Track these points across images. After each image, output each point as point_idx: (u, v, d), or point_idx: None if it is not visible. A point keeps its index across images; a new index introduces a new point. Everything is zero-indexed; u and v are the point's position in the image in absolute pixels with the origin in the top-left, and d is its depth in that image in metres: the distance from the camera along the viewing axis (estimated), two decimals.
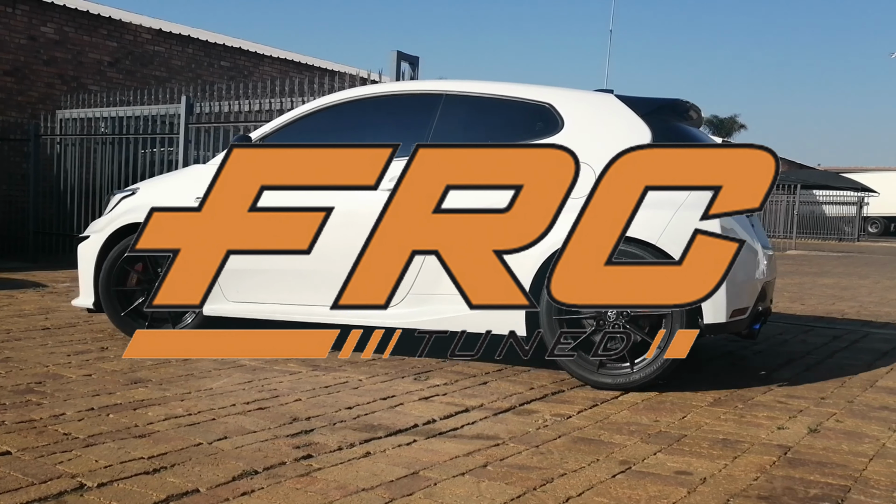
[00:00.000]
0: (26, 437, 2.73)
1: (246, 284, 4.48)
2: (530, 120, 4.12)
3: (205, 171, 4.64)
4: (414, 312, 4.14)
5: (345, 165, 4.21)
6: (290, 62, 17.49)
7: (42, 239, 10.95)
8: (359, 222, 4.10)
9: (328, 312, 4.18)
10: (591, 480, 2.44)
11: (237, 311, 4.53)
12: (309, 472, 2.46)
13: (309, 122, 4.55)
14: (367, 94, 4.51)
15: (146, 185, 5.06)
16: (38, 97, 12.71)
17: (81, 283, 4.94)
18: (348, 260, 4.10)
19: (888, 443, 2.94)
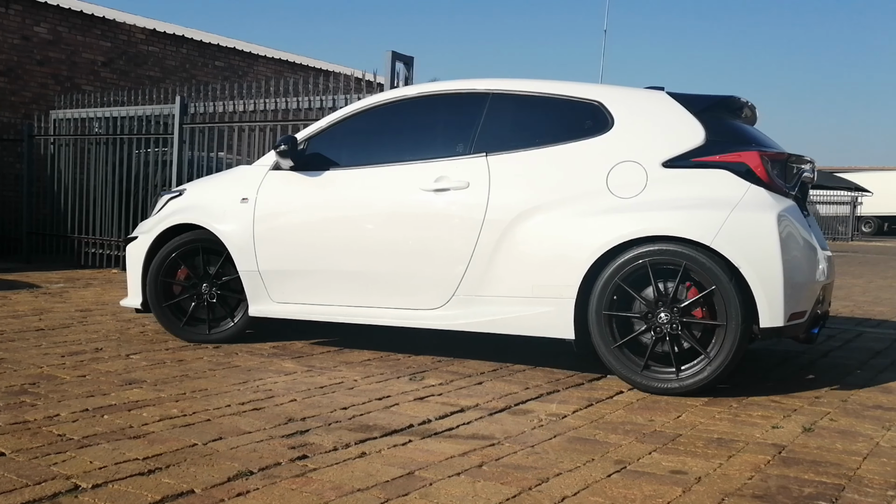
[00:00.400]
0: (20, 438, 2.72)
1: (291, 286, 4.45)
2: (579, 118, 4.06)
3: (251, 172, 4.68)
4: (460, 314, 4.07)
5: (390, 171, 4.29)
6: (284, 62, 17.48)
7: (36, 240, 10.92)
8: (404, 223, 4.17)
9: (373, 313, 4.27)
10: (586, 480, 2.45)
11: (282, 311, 4.50)
12: (304, 472, 2.46)
13: (354, 122, 4.52)
14: (412, 93, 4.46)
15: (193, 186, 5.06)
16: (31, 97, 12.68)
17: (129, 284, 4.93)
18: (394, 260, 4.18)
19: (882, 441, 2.95)
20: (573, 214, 3.84)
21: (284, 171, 4.50)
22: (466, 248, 4.03)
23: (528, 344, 4.75)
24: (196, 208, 4.73)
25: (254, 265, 4.51)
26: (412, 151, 4.32)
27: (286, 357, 4.33)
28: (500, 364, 4.26)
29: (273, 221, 4.48)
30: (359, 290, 4.29)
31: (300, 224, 4.42)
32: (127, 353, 4.33)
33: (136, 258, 4.88)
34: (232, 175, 4.89)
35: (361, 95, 8.26)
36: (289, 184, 4.49)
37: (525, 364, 4.28)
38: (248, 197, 4.55)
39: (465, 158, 4.14)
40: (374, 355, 4.44)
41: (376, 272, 4.23)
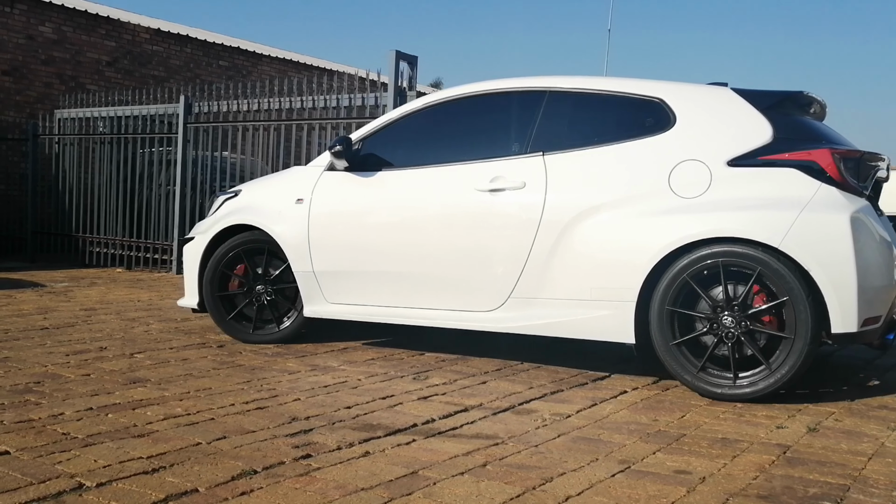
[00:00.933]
0: (25, 436, 2.73)
1: (346, 286, 4.43)
2: (639, 116, 3.94)
3: (306, 173, 4.67)
4: (515, 317, 4.00)
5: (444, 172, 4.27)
6: (288, 62, 17.49)
7: (40, 239, 10.95)
8: (459, 224, 4.14)
9: (428, 315, 4.23)
10: (590, 480, 2.44)
11: (336, 312, 4.48)
12: (308, 471, 2.46)
13: (408, 122, 4.48)
14: (466, 92, 4.39)
15: (248, 186, 5.06)
16: (36, 97, 12.71)
17: (186, 284, 4.94)
18: (449, 262, 4.15)
19: (887, 442, 2.95)
20: (634, 215, 3.75)
21: (339, 171, 4.48)
22: (522, 250, 3.95)
23: (531, 343, 4.74)
24: (251, 209, 4.74)
25: (308, 266, 4.49)
26: (467, 151, 4.29)
27: (290, 356, 4.33)
28: (503, 363, 4.26)
29: (327, 222, 4.46)
30: (413, 292, 4.26)
31: (354, 225, 4.41)
32: (131, 352, 4.34)
33: (192, 259, 4.89)
34: (287, 176, 4.88)
35: (365, 95, 8.26)
36: (343, 184, 4.47)
37: (529, 363, 4.27)
38: (303, 198, 4.54)
39: (521, 158, 4.07)
40: (378, 354, 4.44)
41: (431, 273, 4.20)
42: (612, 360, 4.36)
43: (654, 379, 3.96)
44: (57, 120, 10.84)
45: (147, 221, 9.74)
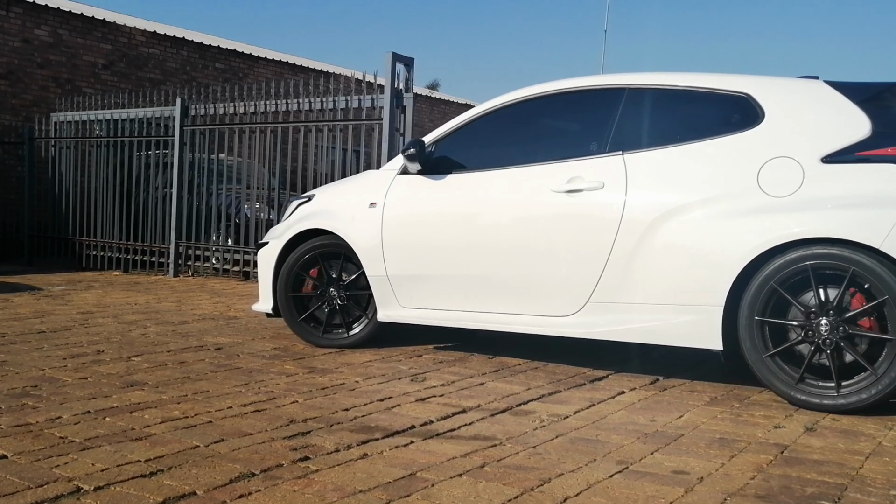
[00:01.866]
0: (22, 440, 2.72)
1: (420, 290, 4.39)
2: (725, 112, 3.78)
3: (379, 177, 4.64)
4: (594, 322, 3.87)
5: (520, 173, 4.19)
6: (284, 64, 17.50)
7: (37, 242, 10.94)
8: (535, 226, 4.04)
9: (503, 320, 4.16)
10: (588, 480, 2.45)
11: (410, 317, 4.44)
12: (306, 473, 2.46)
13: (481, 124, 4.40)
14: (541, 92, 4.26)
15: (321, 191, 5.03)
16: (32, 100, 12.70)
17: (261, 289, 4.94)
18: (525, 265, 4.05)
19: (884, 441, 2.95)
20: (720, 215, 3.59)
21: (412, 175, 4.44)
22: (602, 252, 3.83)
23: (528, 344, 4.75)
24: (325, 213, 4.73)
25: (382, 270, 4.46)
26: (542, 152, 4.20)
27: (287, 358, 4.33)
28: (501, 364, 4.26)
29: (401, 226, 4.42)
30: (488, 296, 4.18)
31: (428, 228, 4.36)
32: (128, 355, 4.33)
33: (266, 263, 4.88)
34: (360, 180, 4.87)
35: (362, 97, 8.27)
36: (416, 188, 4.42)
37: (526, 364, 4.28)
38: (377, 202, 4.50)
39: (599, 158, 3.94)
40: (376, 356, 4.44)
41: (507, 277, 4.12)
42: (610, 361, 4.36)
43: (652, 379, 3.96)
44: (53, 123, 10.83)
45: (144, 224, 9.73)
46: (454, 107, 24.11)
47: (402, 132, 8.23)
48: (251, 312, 6.20)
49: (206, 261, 9.42)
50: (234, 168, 9.55)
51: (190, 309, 6.35)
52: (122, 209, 9.90)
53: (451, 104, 24.05)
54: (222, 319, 5.79)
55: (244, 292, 7.76)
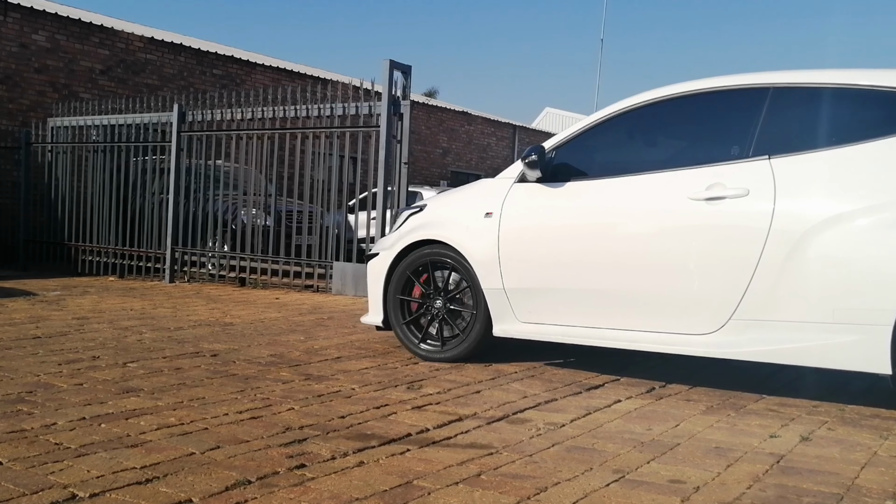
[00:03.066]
0: (17, 447, 2.71)
1: (539, 305, 4.18)
2: (886, 111, 3.47)
3: (495, 186, 4.45)
4: (737, 341, 3.59)
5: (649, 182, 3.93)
6: (282, 70, 17.52)
7: (33, 247, 10.92)
8: (670, 237, 3.79)
9: (632, 337, 3.90)
10: (584, 489, 2.45)
11: (528, 332, 4.23)
12: (302, 481, 2.45)
13: (607, 129, 4.16)
14: (673, 93, 3.99)
15: (434, 201, 4.86)
16: (29, 105, 12.69)
17: (371, 301, 4.82)
18: (658, 279, 3.81)
19: (880, 451, 2.96)
20: (886, 225, 3.30)
21: (530, 183, 4.22)
22: (747, 266, 3.55)
23: (524, 353, 4.75)
24: (438, 224, 4.58)
25: (499, 283, 4.26)
26: (677, 157, 4.00)
27: (283, 365, 4.33)
28: (497, 372, 4.26)
29: (519, 237, 4.22)
30: (615, 312, 3.94)
31: (549, 239, 4.14)
32: (124, 361, 4.32)
33: (377, 275, 4.76)
34: (474, 189, 4.68)
35: (359, 104, 8.28)
36: (536, 197, 4.21)
37: (523, 372, 4.27)
38: (493, 211, 4.32)
39: (742, 162, 3.66)
40: (372, 364, 4.44)
41: (637, 292, 3.87)
42: (606, 370, 4.36)
43: (648, 388, 3.97)
44: (50, 128, 10.83)
45: (140, 230, 9.72)
46: (451, 114, 24.15)
47: (400, 139, 8.25)
48: (245, 320, 6.19)
49: (203, 267, 9.42)
50: (230, 174, 9.55)
51: (186, 315, 6.34)
52: (118, 214, 9.89)
53: (448, 111, 24.08)
54: (218, 326, 5.78)
55: (240, 298, 7.75)
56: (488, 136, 25.88)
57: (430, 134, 23.04)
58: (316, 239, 8.63)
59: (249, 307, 7.03)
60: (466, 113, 24.84)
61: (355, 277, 8.30)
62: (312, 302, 7.63)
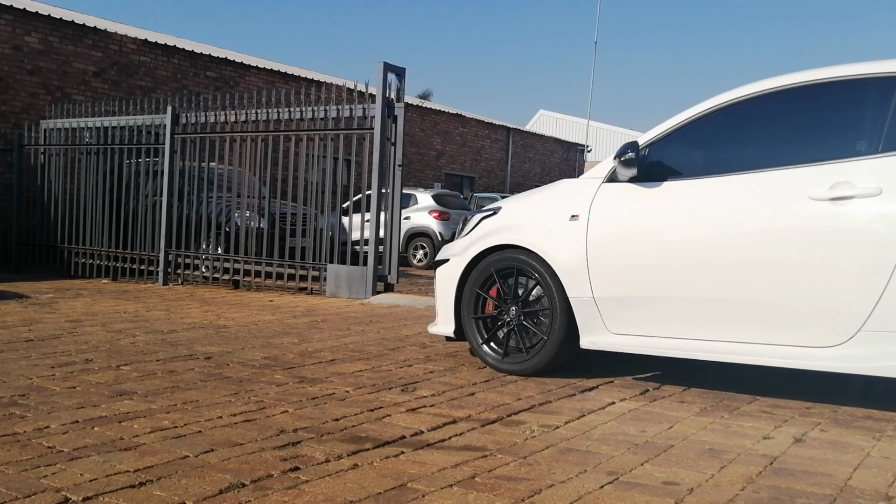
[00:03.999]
0: (10, 450, 2.70)
1: (634, 315, 3.88)
2: None
3: (580, 186, 4.15)
4: (869, 355, 3.32)
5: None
6: (276, 72, 17.51)
7: (25, 250, 10.88)
8: (788, 240, 3.52)
9: (743, 350, 3.62)
10: (578, 491, 2.45)
11: (620, 344, 3.93)
12: (296, 484, 2.45)
13: (709, 123, 3.87)
14: (787, 84, 3.70)
15: (509, 203, 4.56)
16: (21, 107, 12.65)
17: (440, 310, 4.58)
18: (774, 287, 3.53)
19: (872, 452, 2.97)
20: None
21: (621, 183, 3.94)
22: (879, 272, 3.29)
23: None
24: (515, 228, 4.29)
25: (587, 291, 3.97)
26: (793, 153, 3.66)
27: (277, 368, 4.32)
28: (491, 374, 4.26)
29: (611, 241, 3.93)
30: (723, 322, 3.65)
31: (646, 244, 3.85)
32: (117, 364, 4.31)
33: (447, 282, 4.50)
34: (555, 190, 4.35)
35: (353, 106, 8.29)
36: (629, 197, 3.91)
37: (517, 375, 4.28)
38: (579, 214, 4.02)
39: (872, 159, 3.39)
40: (366, 366, 4.44)
41: (747, 301, 3.59)
42: (600, 372, 4.37)
43: (642, 390, 3.97)
44: (43, 130, 10.80)
45: (133, 232, 9.70)
46: (445, 116, 24.17)
47: (394, 142, 8.25)
48: (238, 323, 6.18)
49: (196, 269, 9.40)
50: (224, 176, 9.54)
51: (179, 318, 6.33)
52: (111, 217, 9.87)
53: (442, 114, 24.10)
54: (212, 328, 5.77)
55: (234, 301, 7.73)
56: (482, 139, 25.90)
57: (425, 136, 23.05)
58: (310, 241, 8.63)
59: (243, 310, 7.02)
60: (460, 115, 24.87)
61: (349, 280, 8.30)
62: (306, 304, 7.62)
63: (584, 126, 33.01)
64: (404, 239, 14.90)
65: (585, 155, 32.26)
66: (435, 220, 15.14)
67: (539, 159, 29.31)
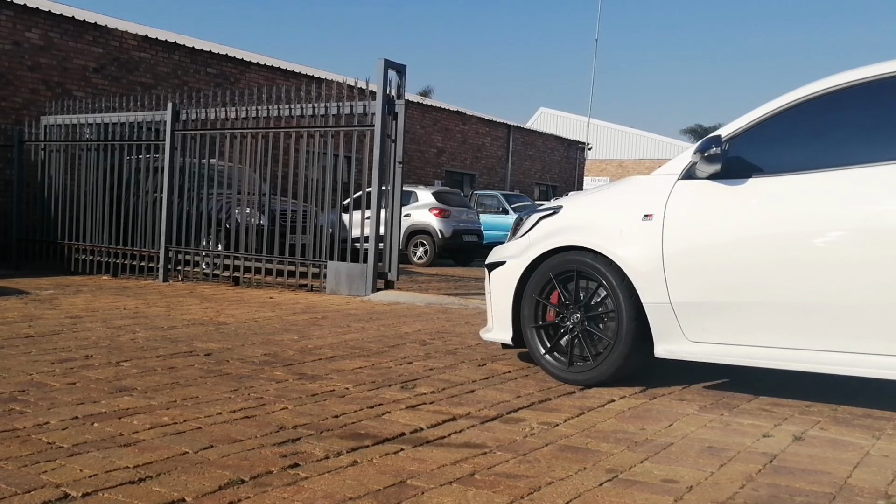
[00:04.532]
0: (10, 446, 2.70)
1: (716, 322, 3.63)
2: None
3: (653, 183, 3.91)
4: None
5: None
6: (276, 69, 17.49)
7: (26, 246, 10.88)
8: (893, 242, 3.26)
9: (843, 360, 3.37)
10: (578, 489, 2.45)
11: (701, 353, 3.67)
12: (296, 480, 2.45)
13: (801, 112, 3.61)
14: (876, 74, 3.45)
15: (571, 201, 4.32)
16: (22, 103, 12.64)
17: (496, 315, 4.34)
18: (877, 292, 3.28)
19: (872, 450, 2.97)
20: None
21: (701, 180, 3.70)
22: None
23: (518, 352, 4.75)
24: (580, 228, 4.04)
25: (663, 296, 3.72)
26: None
27: (277, 365, 4.32)
28: (491, 372, 4.26)
29: (691, 242, 3.68)
30: (819, 330, 3.42)
31: (732, 245, 3.59)
32: (117, 360, 4.31)
33: (505, 286, 4.24)
34: (625, 187, 4.10)
35: (354, 103, 8.28)
36: (709, 195, 3.68)
37: (517, 372, 4.28)
38: (653, 213, 3.78)
39: None
40: (366, 363, 4.44)
41: (848, 307, 3.35)
42: None
43: (642, 388, 3.97)
44: (43, 126, 10.80)
45: (133, 229, 9.70)
46: (446, 114, 24.15)
47: (394, 139, 8.25)
48: (238, 319, 6.18)
49: (196, 266, 9.40)
50: (224, 173, 9.54)
51: (179, 314, 6.33)
52: (111, 213, 9.86)
53: (442, 111, 24.09)
54: (212, 325, 5.77)
55: (234, 298, 7.74)
56: (483, 136, 25.89)
57: (425, 133, 23.04)
58: (310, 238, 8.63)
59: (243, 306, 7.02)
60: (461, 112, 24.85)
61: (349, 277, 8.30)
62: (306, 301, 7.62)
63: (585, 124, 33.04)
64: (404, 236, 14.89)
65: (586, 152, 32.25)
66: (435, 218, 15.13)
67: (539, 157, 29.31)
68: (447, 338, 5.48)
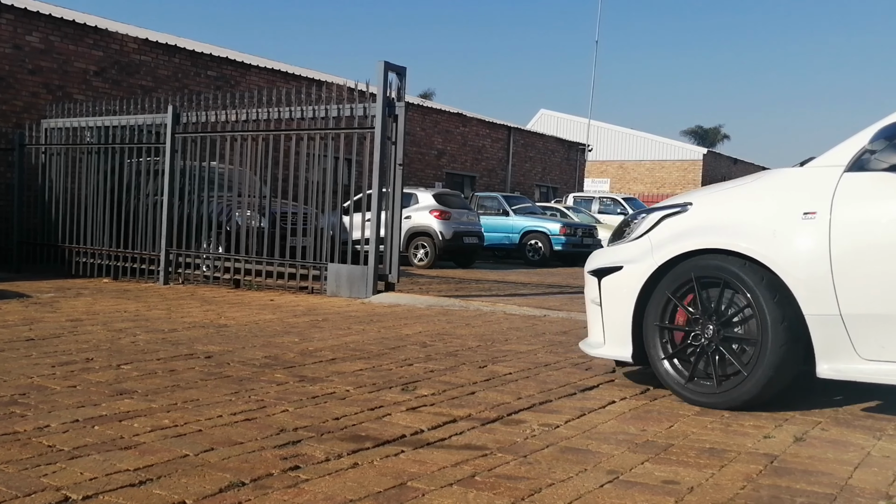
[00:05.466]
0: (10, 449, 2.70)
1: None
2: None
3: (812, 176, 3.46)
4: None
5: None
6: (277, 72, 17.51)
7: (26, 249, 10.89)
8: None
9: None
10: (578, 490, 2.45)
11: (878, 373, 3.22)
12: (296, 483, 2.45)
13: None
14: None
15: (703, 198, 3.84)
16: (22, 106, 12.65)
17: (609, 328, 3.88)
18: None
19: (873, 451, 2.96)
20: None
21: (875, 172, 3.26)
22: None
23: (519, 354, 4.75)
24: (718, 228, 3.58)
25: (832, 307, 3.26)
26: None
27: (278, 367, 4.32)
28: (492, 374, 4.26)
29: (868, 244, 3.23)
30: None
31: None
32: (118, 363, 4.31)
33: (623, 295, 3.78)
34: (773, 181, 3.65)
35: (354, 105, 8.28)
36: (888, 189, 3.23)
37: (517, 374, 4.28)
38: (816, 210, 3.32)
39: None
40: (367, 365, 4.43)
41: None
42: (600, 371, 4.37)
43: (642, 389, 3.97)
44: (44, 130, 10.81)
45: (134, 232, 9.71)
46: (446, 116, 24.16)
47: (394, 141, 8.25)
48: (239, 322, 6.18)
49: (197, 268, 9.40)
50: (225, 176, 9.54)
51: (180, 317, 6.33)
52: (112, 216, 9.87)
53: (443, 113, 24.09)
54: (212, 327, 5.77)
55: (234, 300, 7.74)
56: (483, 138, 25.89)
57: (425, 135, 23.04)
58: (311, 240, 8.63)
59: (244, 309, 7.02)
60: (461, 114, 24.85)
61: (350, 279, 8.30)
62: (307, 303, 7.62)
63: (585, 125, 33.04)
64: (405, 238, 14.88)
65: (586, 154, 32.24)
66: (436, 220, 15.12)
67: (540, 158, 29.30)
68: (448, 339, 5.48)
